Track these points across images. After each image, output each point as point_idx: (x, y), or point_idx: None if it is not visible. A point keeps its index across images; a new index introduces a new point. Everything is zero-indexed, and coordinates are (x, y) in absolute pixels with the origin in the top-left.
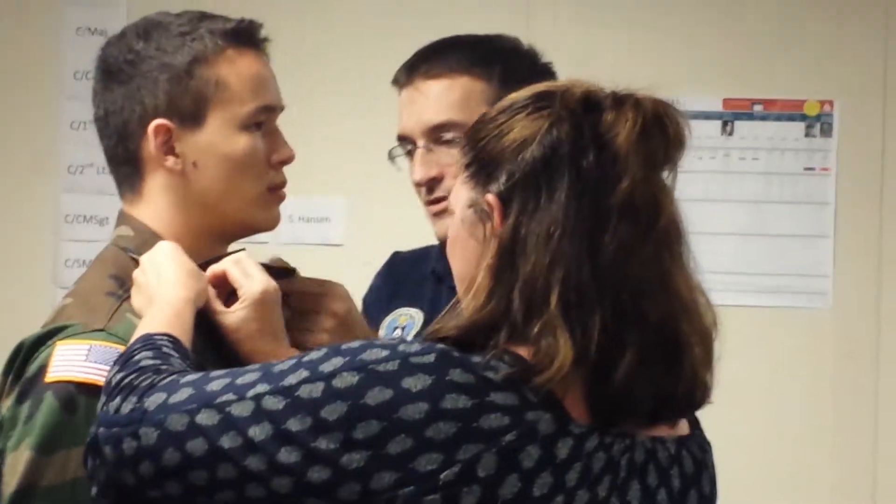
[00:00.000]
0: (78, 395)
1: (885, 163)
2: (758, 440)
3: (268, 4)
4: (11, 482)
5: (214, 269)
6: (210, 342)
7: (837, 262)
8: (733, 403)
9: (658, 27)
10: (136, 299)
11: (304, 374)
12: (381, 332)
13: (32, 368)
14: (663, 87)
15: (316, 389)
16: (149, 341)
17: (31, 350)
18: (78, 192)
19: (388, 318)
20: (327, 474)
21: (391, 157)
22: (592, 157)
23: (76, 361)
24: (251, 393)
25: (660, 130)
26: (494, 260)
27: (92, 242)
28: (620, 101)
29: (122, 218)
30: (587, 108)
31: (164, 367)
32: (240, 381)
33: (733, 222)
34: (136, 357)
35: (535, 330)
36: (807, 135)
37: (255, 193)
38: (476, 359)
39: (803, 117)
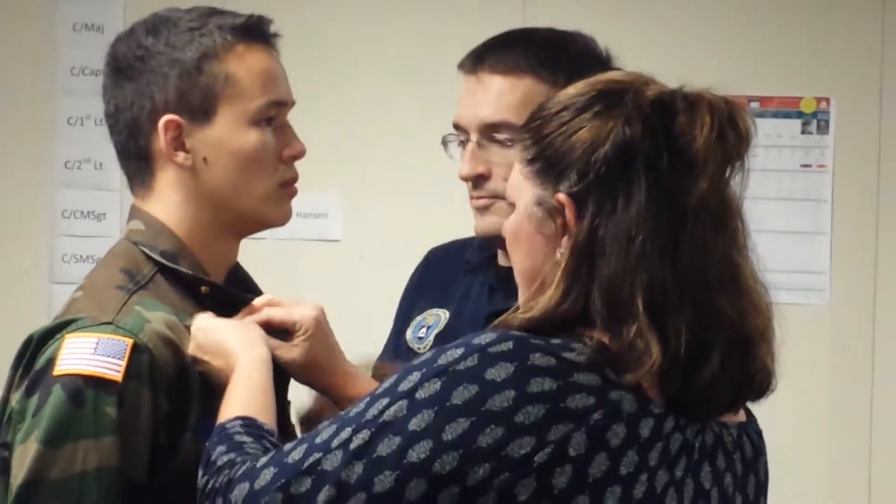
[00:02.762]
0: (85, 388)
1: (881, 159)
2: None
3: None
4: (19, 475)
5: (256, 320)
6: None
7: (834, 259)
8: None
9: (653, 23)
10: (215, 363)
11: (384, 401)
12: (410, 331)
13: (41, 361)
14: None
15: (401, 409)
16: (221, 433)
17: (39, 343)
18: (75, 187)
19: (419, 318)
20: (424, 487)
21: (444, 142)
22: (667, 159)
23: (84, 355)
24: (336, 443)
25: (734, 131)
26: (570, 259)
27: (89, 238)
28: (693, 103)
29: (134, 212)
30: (659, 109)
31: (238, 458)
32: (318, 440)
33: None
34: (213, 457)
35: (625, 332)
36: (803, 132)
37: (267, 189)
38: (555, 341)
39: (800, 114)
